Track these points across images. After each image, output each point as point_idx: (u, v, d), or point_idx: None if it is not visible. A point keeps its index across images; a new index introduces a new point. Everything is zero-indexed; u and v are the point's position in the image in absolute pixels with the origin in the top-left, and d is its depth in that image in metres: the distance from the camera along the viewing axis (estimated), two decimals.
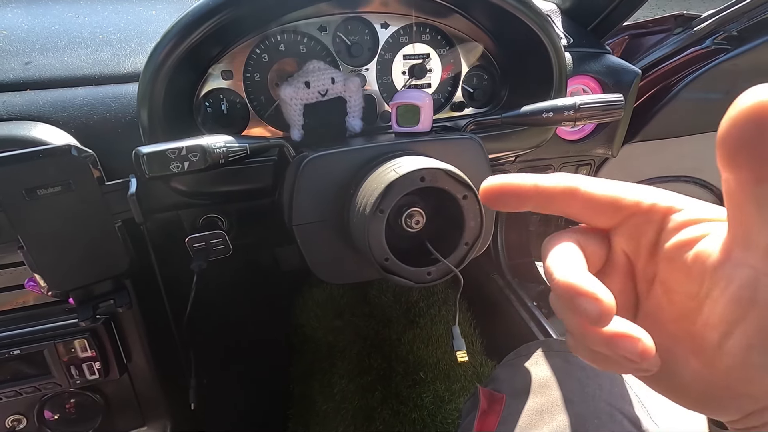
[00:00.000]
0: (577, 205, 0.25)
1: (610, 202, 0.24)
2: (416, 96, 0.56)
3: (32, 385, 0.58)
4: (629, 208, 0.24)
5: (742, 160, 0.19)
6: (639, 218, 0.24)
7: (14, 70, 0.56)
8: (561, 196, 0.25)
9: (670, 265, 0.23)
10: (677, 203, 0.24)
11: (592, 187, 0.25)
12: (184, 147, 0.43)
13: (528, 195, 0.25)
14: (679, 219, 0.23)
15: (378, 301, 1.45)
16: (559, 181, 0.25)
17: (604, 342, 0.21)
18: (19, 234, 0.46)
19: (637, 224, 0.24)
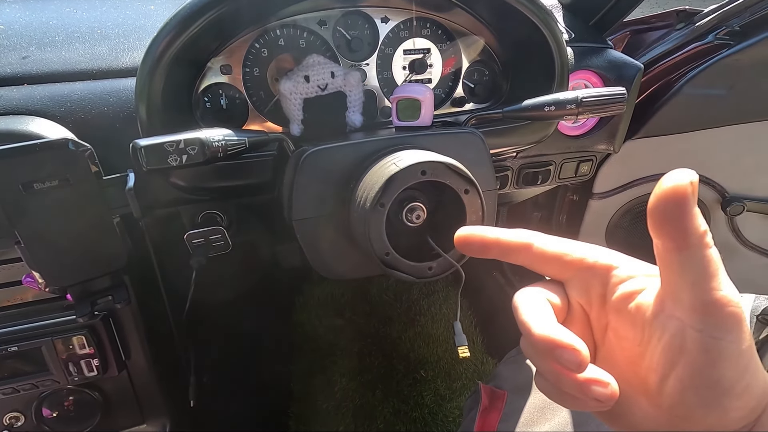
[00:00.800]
0: (531, 258, 0.29)
1: (558, 257, 0.28)
2: (417, 90, 0.56)
3: (30, 382, 0.58)
4: (575, 263, 0.28)
5: (666, 231, 0.23)
6: (585, 273, 0.28)
7: (11, 64, 0.56)
8: (517, 249, 0.29)
9: (617, 316, 0.27)
10: (615, 261, 0.28)
11: (544, 244, 0.29)
12: (182, 140, 0.43)
13: (490, 246, 0.30)
14: (620, 274, 0.27)
15: (379, 300, 1.45)
16: (518, 236, 0.29)
17: (578, 386, 0.24)
18: (16, 229, 0.46)
19: (585, 278, 0.28)
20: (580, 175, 0.82)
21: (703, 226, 0.23)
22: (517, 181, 0.77)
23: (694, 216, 0.22)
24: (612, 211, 0.94)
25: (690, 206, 0.22)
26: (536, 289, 0.29)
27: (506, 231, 0.30)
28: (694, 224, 0.22)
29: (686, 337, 0.23)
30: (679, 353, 0.23)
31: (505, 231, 0.30)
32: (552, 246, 0.29)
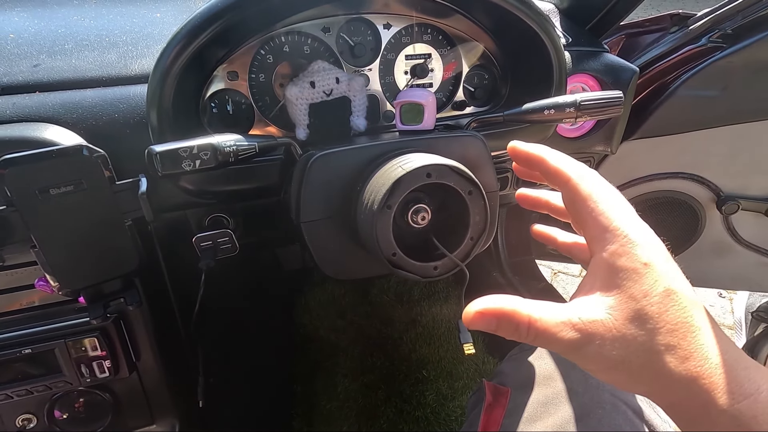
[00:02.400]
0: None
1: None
2: (420, 94, 0.57)
3: (43, 384, 0.59)
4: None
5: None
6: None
7: (23, 72, 0.57)
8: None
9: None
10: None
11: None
12: (195, 146, 0.44)
13: (533, 161, 0.37)
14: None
15: (380, 301, 1.46)
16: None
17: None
18: (32, 233, 0.47)
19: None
20: None
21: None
22: (517, 183, 0.79)
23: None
24: None
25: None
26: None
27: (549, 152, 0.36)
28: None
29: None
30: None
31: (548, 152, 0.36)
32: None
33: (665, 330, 0.27)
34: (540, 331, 0.28)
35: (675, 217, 0.98)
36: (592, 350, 0.28)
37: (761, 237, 1.02)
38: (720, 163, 0.92)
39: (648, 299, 0.28)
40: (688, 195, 0.95)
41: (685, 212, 0.97)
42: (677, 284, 0.28)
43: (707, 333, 0.28)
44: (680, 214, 0.97)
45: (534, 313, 0.29)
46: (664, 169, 0.92)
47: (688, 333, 0.27)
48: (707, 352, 0.27)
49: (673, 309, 0.28)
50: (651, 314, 0.27)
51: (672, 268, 0.29)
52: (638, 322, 0.27)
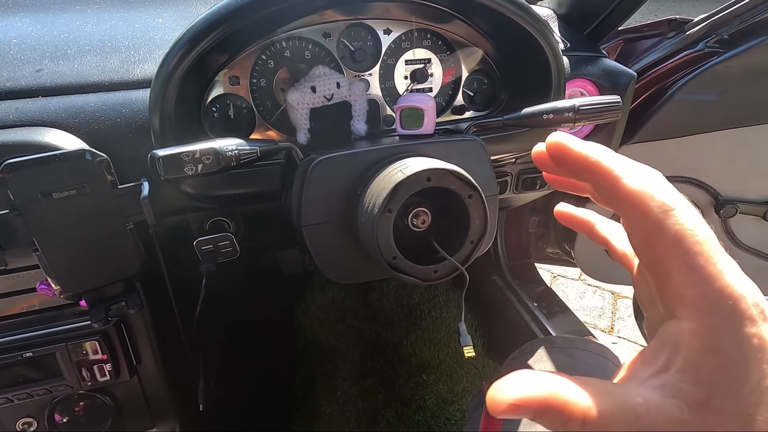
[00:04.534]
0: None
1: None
2: (420, 99, 0.58)
3: (44, 387, 0.59)
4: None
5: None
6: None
7: (26, 77, 0.57)
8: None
9: None
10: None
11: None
12: (197, 150, 0.44)
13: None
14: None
15: (379, 305, 1.46)
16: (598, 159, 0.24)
17: None
18: (35, 237, 0.47)
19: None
20: None
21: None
22: (516, 186, 0.79)
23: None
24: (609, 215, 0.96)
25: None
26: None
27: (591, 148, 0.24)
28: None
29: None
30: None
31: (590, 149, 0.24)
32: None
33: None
34: (596, 425, 0.19)
35: None
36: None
37: (760, 240, 1.02)
38: (718, 167, 0.93)
39: (754, 397, 0.19)
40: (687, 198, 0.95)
41: None
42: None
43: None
44: None
45: (587, 403, 0.19)
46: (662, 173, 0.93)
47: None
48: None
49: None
50: (755, 420, 0.19)
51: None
52: (739, 423, 0.19)
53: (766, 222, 0.98)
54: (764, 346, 0.19)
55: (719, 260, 0.20)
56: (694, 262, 0.20)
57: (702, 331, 0.20)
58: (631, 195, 0.22)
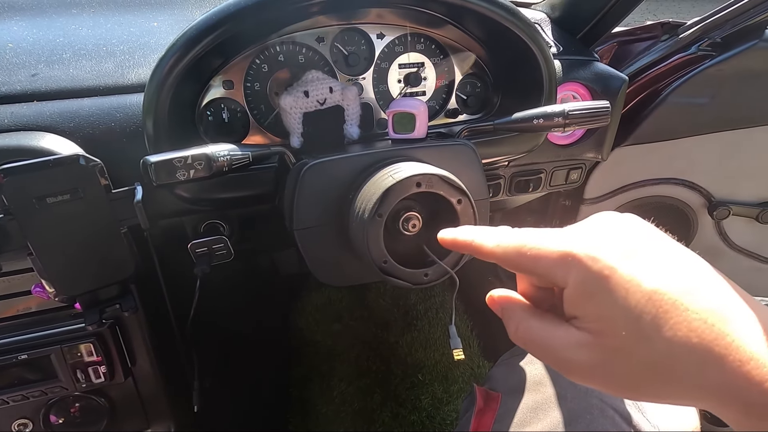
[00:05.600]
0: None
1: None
2: (411, 104, 0.58)
3: (39, 389, 0.60)
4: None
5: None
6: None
7: (21, 81, 0.58)
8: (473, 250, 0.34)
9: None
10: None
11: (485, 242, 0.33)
12: (189, 156, 0.45)
13: (462, 247, 0.34)
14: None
15: (376, 305, 1.47)
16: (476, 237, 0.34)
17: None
18: (29, 241, 0.48)
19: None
20: (570, 182, 0.85)
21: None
22: (510, 189, 0.80)
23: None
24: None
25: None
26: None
27: (480, 232, 0.33)
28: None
29: None
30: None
31: (478, 234, 0.33)
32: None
33: (665, 338, 0.24)
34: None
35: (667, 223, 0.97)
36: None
37: (753, 242, 1.03)
38: (711, 169, 0.93)
39: (627, 313, 0.24)
40: (680, 200, 0.96)
41: (677, 218, 0.98)
42: (657, 281, 0.25)
43: (735, 322, 0.24)
44: (672, 220, 0.98)
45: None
46: (655, 175, 0.93)
47: (707, 329, 0.23)
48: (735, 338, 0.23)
49: (665, 311, 0.24)
50: (641, 329, 0.24)
51: (653, 262, 0.25)
52: (630, 341, 0.25)
53: (759, 224, 0.99)
54: (614, 273, 0.25)
55: (545, 243, 0.28)
56: (526, 254, 0.29)
57: (571, 288, 0.27)
58: (480, 249, 0.32)
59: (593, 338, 0.26)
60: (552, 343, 0.28)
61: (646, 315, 0.24)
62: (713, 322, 0.23)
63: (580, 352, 0.26)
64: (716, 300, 0.24)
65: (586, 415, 0.53)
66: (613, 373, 0.26)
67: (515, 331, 0.31)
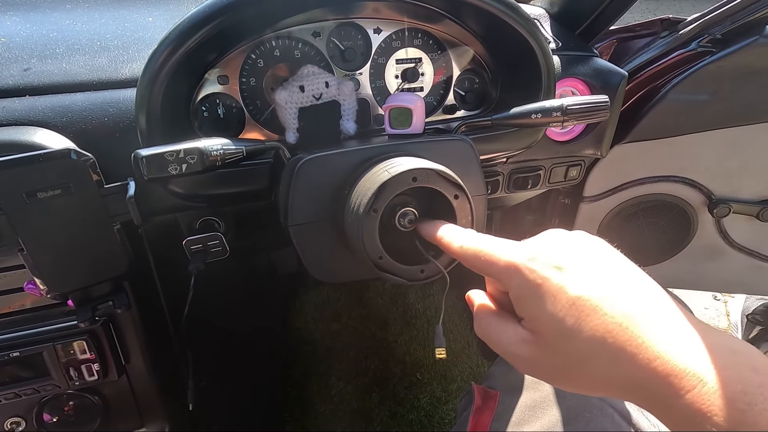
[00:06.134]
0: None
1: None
2: (408, 99, 0.57)
3: (31, 387, 0.59)
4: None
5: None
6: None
7: (13, 76, 0.57)
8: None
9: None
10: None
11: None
12: (181, 150, 0.44)
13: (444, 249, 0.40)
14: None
15: (374, 304, 1.46)
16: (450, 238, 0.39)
17: None
18: (20, 236, 0.47)
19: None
20: (569, 179, 0.84)
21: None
22: (508, 186, 0.79)
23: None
24: (603, 214, 0.96)
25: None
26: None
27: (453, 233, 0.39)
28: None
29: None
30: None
31: (448, 233, 0.39)
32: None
33: (585, 338, 0.28)
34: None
35: (667, 220, 0.98)
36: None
37: (753, 240, 1.02)
38: (711, 166, 0.93)
39: (555, 316, 0.29)
40: (680, 198, 0.95)
41: (678, 215, 0.98)
42: (581, 289, 0.29)
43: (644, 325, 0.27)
44: (672, 218, 0.98)
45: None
46: (655, 173, 0.92)
47: (619, 332, 0.27)
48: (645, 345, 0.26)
49: (586, 314, 0.28)
50: (565, 330, 0.28)
51: (578, 273, 0.29)
52: (557, 339, 0.29)
53: (760, 221, 0.98)
54: (545, 282, 0.30)
55: (497, 251, 0.33)
56: (481, 259, 0.34)
57: (513, 292, 0.32)
58: (448, 247, 0.39)
59: (531, 336, 0.31)
60: (503, 338, 0.33)
61: (569, 318, 0.28)
62: (627, 325, 0.27)
63: (523, 347, 0.31)
64: (632, 305, 0.28)
65: (585, 414, 0.53)
66: (546, 365, 0.31)
67: (477, 326, 0.36)
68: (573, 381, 0.30)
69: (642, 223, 0.98)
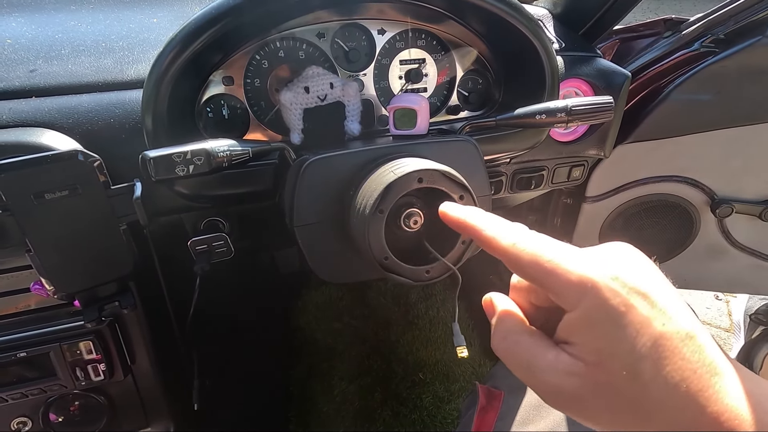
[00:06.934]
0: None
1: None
2: (413, 100, 0.58)
3: (38, 387, 0.59)
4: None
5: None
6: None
7: (19, 77, 0.57)
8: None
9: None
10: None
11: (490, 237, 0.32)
12: (189, 151, 0.44)
13: (467, 231, 0.33)
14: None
15: (377, 304, 1.47)
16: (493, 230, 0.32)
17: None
18: (27, 237, 0.48)
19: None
20: (572, 180, 0.84)
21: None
22: (512, 186, 0.79)
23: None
24: (605, 214, 0.97)
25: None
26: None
27: (487, 220, 0.32)
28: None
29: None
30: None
31: (492, 223, 0.32)
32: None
33: (660, 384, 0.24)
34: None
35: (670, 220, 0.98)
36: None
37: (756, 240, 1.02)
38: (714, 166, 0.93)
39: (632, 353, 0.25)
40: (683, 198, 0.95)
41: (680, 215, 0.98)
42: (666, 325, 0.25)
43: (725, 376, 0.25)
44: (675, 217, 0.98)
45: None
46: (658, 173, 0.93)
47: (697, 379, 0.24)
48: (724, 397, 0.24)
49: (666, 356, 0.24)
50: (640, 371, 0.25)
51: (664, 306, 0.26)
52: (626, 381, 0.25)
53: (763, 221, 0.98)
54: (630, 311, 0.25)
55: (565, 260, 0.27)
56: (542, 265, 0.28)
57: (580, 314, 0.26)
58: (490, 240, 0.31)
59: (585, 369, 0.26)
60: (539, 363, 0.28)
61: (648, 358, 0.24)
62: (702, 372, 0.24)
63: (568, 379, 0.26)
64: (708, 352, 0.25)
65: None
66: (595, 406, 0.26)
67: (502, 340, 0.30)
68: (621, 425, 0.26)
69: (644, 223, 0.98)
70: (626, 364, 0.25)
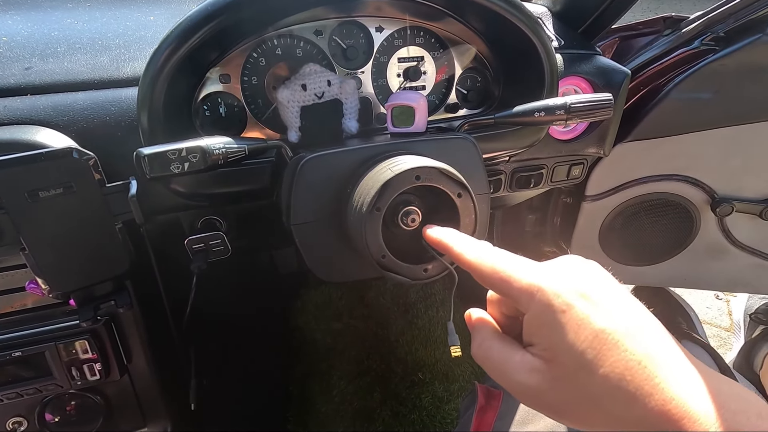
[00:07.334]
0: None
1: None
2: (411, 97, 0.57)
3: (33, 387, 0.59)
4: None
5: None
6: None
7: (15, 75, 0.57)
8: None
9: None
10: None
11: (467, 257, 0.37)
12: (184, 148, 0.44)
13: (447, 251, 0.39)
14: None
15: (376, 303, 1.46)
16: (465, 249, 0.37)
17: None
18: (22, 236, 0.47)
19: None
20: (572, 178, 0.84)
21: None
22: (510, 185, 0.79)
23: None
24: (605, 213, 0.96)
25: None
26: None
27: (462, 242, 0.37)
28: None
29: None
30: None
31: (461, 242, 0.37)
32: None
33: (603, 374, 0.27)
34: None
35: (670, 219, 0.98)
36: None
37: (756, 239, 1.02)
38: (714, 165, 0.92)
39: (576, 347, 0.27)
40: (683, 197, 0.95)
41: (680, 214, 0.97)
42: (605, 322, 0.28)
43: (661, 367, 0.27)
44: (675, 216, 0.97)
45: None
46: (658, 171, 0.92)
47: (635, 372, 0.26)
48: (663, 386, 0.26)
49: (607, 349, 0.27)
50: (585, 362, 0.27)
51: (606, 304, 0.29)
52: (574, 373, 0.28)
53: (763, 220, 0.98)
54: (571, 309, 0.28)
55: (517, 270, 0.32)
56: (499, 275, 0.32)
57: (532, 315, 0.30)
58: (458, 256, 0.37)
59: (545, 365, 0.29)
60: (508, 364, 0.31)
61: (590, 351, 0.27)
62: (646, 364, 0.26)
63: (531, 376, 0.29)
64: (651, 344, 0.27)
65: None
66: (555, 399, 0.29)
67: (477, 347, 0.34)
68: (582, 418, 0.28)
69: (644, 222, 0.98)
70: (572, 358, 0.28)
